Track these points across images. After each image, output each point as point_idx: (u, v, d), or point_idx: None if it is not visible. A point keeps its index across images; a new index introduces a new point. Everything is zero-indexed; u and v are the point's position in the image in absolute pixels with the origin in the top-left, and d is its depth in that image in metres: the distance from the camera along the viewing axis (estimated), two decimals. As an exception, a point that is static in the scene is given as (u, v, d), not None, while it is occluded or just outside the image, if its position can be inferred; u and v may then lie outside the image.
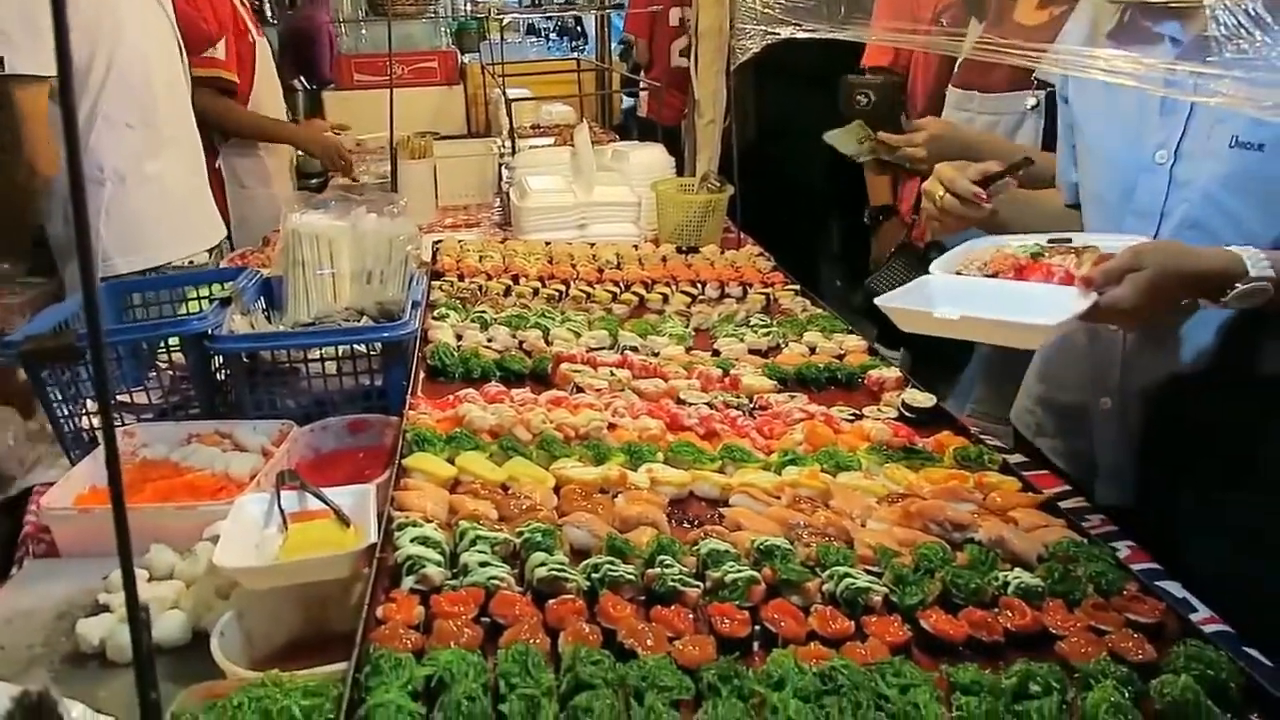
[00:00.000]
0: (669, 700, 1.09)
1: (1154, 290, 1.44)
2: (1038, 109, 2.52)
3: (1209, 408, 1.70)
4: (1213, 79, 1.11)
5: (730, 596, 1.31)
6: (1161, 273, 1.43)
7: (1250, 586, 1.47)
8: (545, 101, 5.70)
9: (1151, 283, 1.43)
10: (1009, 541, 1.48)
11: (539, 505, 1.52)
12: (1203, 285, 1.47)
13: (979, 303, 1.57)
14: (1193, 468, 1.73)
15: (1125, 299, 1.44)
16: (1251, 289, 1.42)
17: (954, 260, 1.75)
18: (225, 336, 1.91)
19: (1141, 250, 1.46)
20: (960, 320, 1.54)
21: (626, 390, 2.05)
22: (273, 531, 1.49)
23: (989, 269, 1.69)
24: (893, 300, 1.67)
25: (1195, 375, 1.71)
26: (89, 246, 0.72)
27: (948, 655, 1.26)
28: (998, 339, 1.58)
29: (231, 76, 3.88)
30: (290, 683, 1.11)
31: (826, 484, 1.66)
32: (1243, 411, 1.67)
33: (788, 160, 4.49)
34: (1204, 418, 1.70)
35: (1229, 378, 1.68)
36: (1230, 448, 1.69)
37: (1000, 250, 1.71)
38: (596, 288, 2.71)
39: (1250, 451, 1.66)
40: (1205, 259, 1.46)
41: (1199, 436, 1.71)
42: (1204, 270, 1.45)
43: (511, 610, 1.24)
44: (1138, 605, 1.34)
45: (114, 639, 1.36)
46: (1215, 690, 1.15)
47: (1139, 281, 1.43)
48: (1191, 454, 1.73)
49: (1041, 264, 1.62)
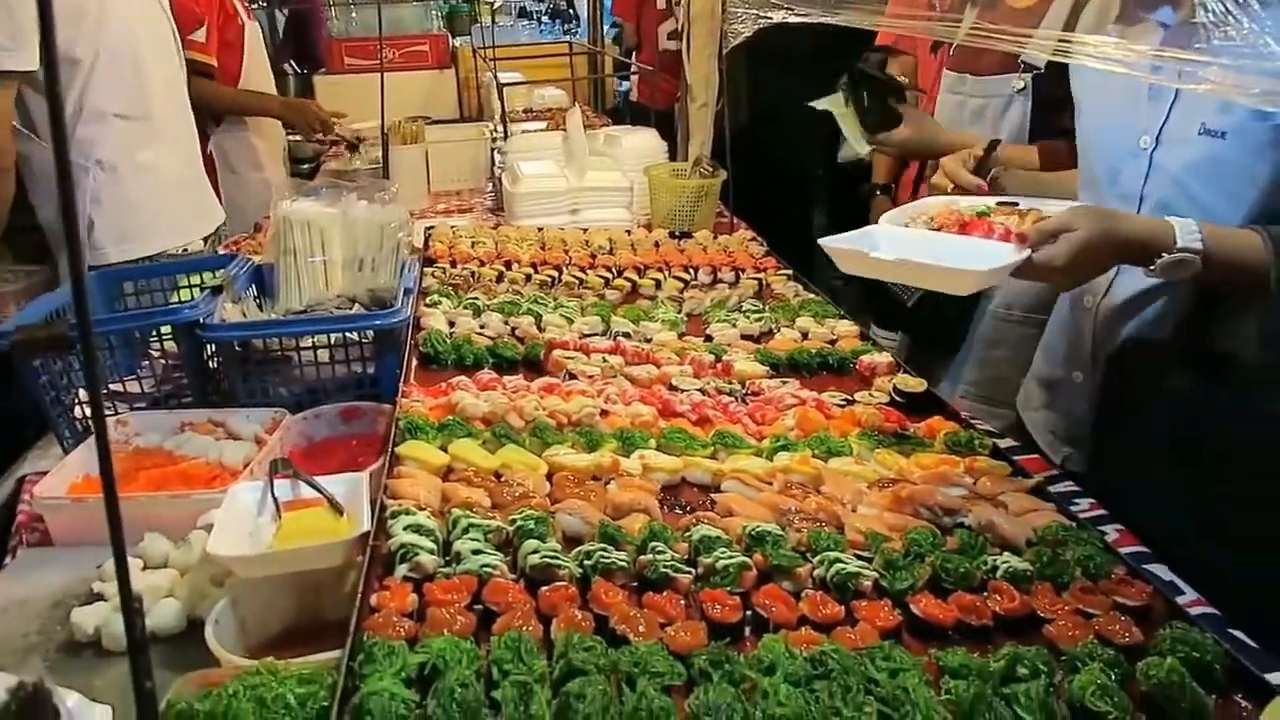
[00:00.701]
0: (661, 686, 1.09)
1: (1085, 251, 1.49)
2: (1024, 91, 2.53)
3: (1161, 380, 1.75)
4: (1201, 66, 1.12)
5: (722, 582, 1.32)
6: (1093, 234, 1.49)
7: (1192, 554, 1.52)
8: (537, 85, 5.67)
9: (1083, 243, 1.48)
10: (998, 526, 1.50)
11: (531, 492, 1.52)
12: (1133, 251, 1.52)
13: (918, 250, 1.63)
14: (1143, 437, 1.79)
15: (1057, 257, 1.49)
16: (1179, 259, 1.47)
17: (904, 214, 1.81)
18: (217, 325, 1.91)
19: (1076, 212, 1.52)
20: (894, 262, 1.61)
21: (619, 377, 2.05)
22: (266, 520, 1.49)
23: (935, 223, 1.75)
24: (836, 241, 1.71)
25: (1150, 349, 1.77)
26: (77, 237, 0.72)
27: (937, 639, 1.28)
28: (928, 283, 1.66)
29: (210, 61, 3.89)
30: (285, 670, 1.12)
31: (818, 469, 1.67)
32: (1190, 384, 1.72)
33: (779, 145, 4.48)
34: (1156, 389, 1.76)
35: (1180, 352, 1.73)
36: (1179, 419, 1.73)
37: (949, 207, 1.77)
38: (589, 273, 2.71)
39: (1196, 423, 1.71)
40: (1138, 226, 1.52)
41: (1151, 408, 1.76)
42: (1135, 236, 1.50)
43: (504, 597, 1.25)
44: (1125, 588, 1.35)
45: (109, 627, 1.37)
46: (1200, 672, 1.16)
47: (1072, 241, 1.48)
48: (1143, 424, 1.77)
49: (984, 221, 1.67)
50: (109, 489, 0.78)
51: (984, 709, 1.09)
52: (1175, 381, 1.73)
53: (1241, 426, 1.67)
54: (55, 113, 0.72)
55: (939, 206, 1.79)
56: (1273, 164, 1.53)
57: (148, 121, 3.09)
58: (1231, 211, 1.59)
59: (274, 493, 1.51)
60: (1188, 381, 1.72)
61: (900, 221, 1.79)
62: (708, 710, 1.05)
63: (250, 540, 1.43)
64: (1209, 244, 1.49)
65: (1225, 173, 1.59)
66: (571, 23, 10.69)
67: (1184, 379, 1.73)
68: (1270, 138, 1.51)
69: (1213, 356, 1.70)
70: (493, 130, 4.49)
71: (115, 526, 0.77)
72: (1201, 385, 1.71)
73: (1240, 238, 1.54)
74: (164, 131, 3.20)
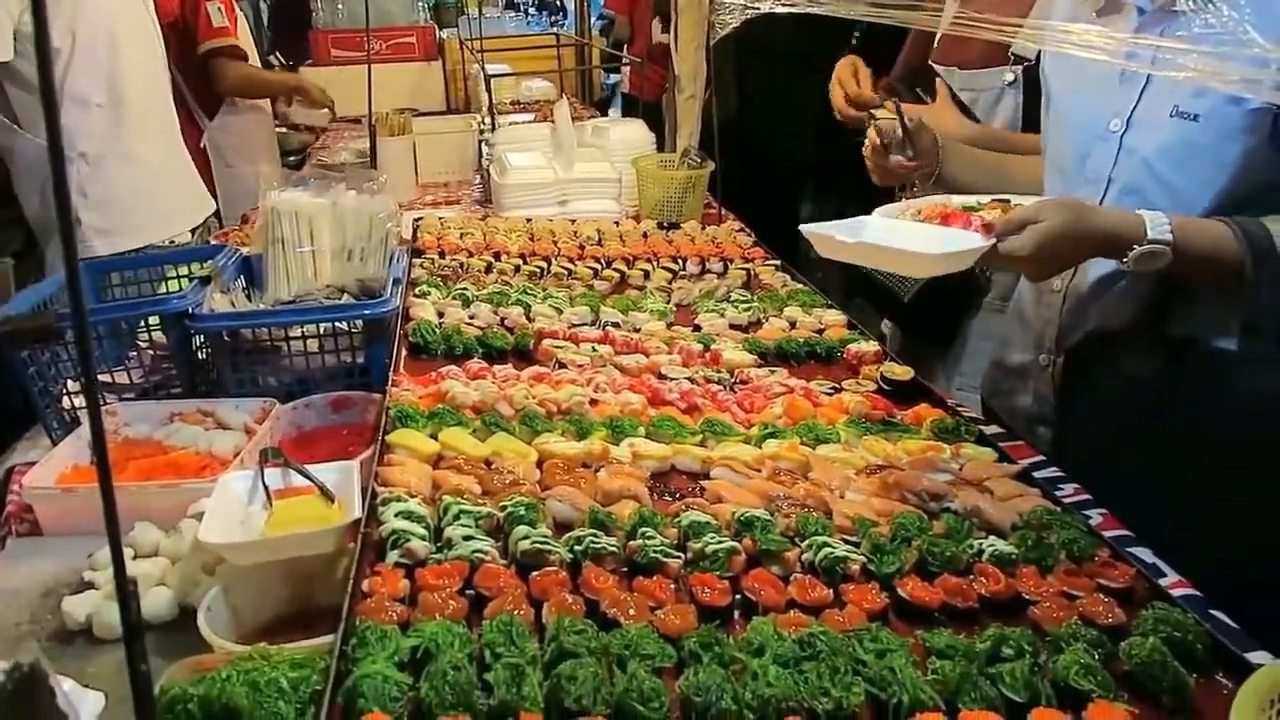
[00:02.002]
0: (651, 668, 1.10)
1: (1051, 241, 1.51)
2: (1015, 84, 2.53)
3: (1125, 364, 1.78)
4: (1181, 53, 1.13)
5: (711, 567, 1.33)
6: (1059, 226, 1.51)
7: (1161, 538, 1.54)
8: (525, 77, 5.67)
9: (1050, 235, 1.50)
10: (984, 511, 1.51)
11: (522, 480, 1.53)
12: (1103, 244, 1.55)
13: (889, 238, 1.67)
14: (1108, 419, 1.81)
15: (1023, 247, 1.51)
16: (1150, 251, 1.49)
17: (898, 208, 1.85)
18: (206, 315, 1.91)
19: (1045, 204, 1.54)
20: (856, 245, 1.66)
21: (608, 366, 2.06)
22: (257, 508, 1.50)
23: (921, 216, 1.78)
24: (815, 228, 1.75)
25: (1114, 334, 1.79)
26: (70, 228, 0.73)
27: (924, 621, 1.29)
28: (890, 265, 1.74)
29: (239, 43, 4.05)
30: (278, 655, 1.12)
31: (806, 456, 1.68)
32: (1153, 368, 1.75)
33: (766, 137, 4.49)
34: (1121, 373, 1.79)
35: (1143, 337, 1.75)
36: (1144, 403, 1.76)
37: (941, 202, 1.80)
38: (578, 264, 2.71)
39: (1161, 407, 1.74)
40: (1108, 219, 1.54)
41: (1116, 390, 1.79)
42: (1105, 230, 1.53)
43: (495, 582, 1.26)
44: (1109, 570, 1.37)
45: (100, 615, 1.37)
46: (1182, 651, 1.18)
47: (1038, 232, 1.50)
48: (1108, 405, 1.80)
49: (966, 214, 1.70)
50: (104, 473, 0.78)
51: (970, 688, 1.11)
52: (1140, 366, 1.76)
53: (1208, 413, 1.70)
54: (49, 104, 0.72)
55: (928, 203, 1.82)
56: (1244, 148, 1.55)
57: (128, 111, 3.08)
58: (1200, 195, 1.61)
59: (265, 481, 1.51)
60: (1153, 366, 1.75)
61: (893, 215, 1.83)
62: (698, 691, 1.06)
63: (241, 528, 1.43)
64: (1178, 236, 1.51)
65: (1196, 156, 1.60)
66: (558, 15, 10.67)
67: (1148, 364, 1.75)
68: (1243, 123, 1.53)
69: (1176, 342, 1.72)
70: (480, 122, 4.48)
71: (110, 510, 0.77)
72: (1167, 370, 1.74)
73: (1209, 229, 1.55)
74: (146, 122, 3.19)
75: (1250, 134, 1.53)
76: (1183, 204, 1.61)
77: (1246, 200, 1.58)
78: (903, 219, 1.80)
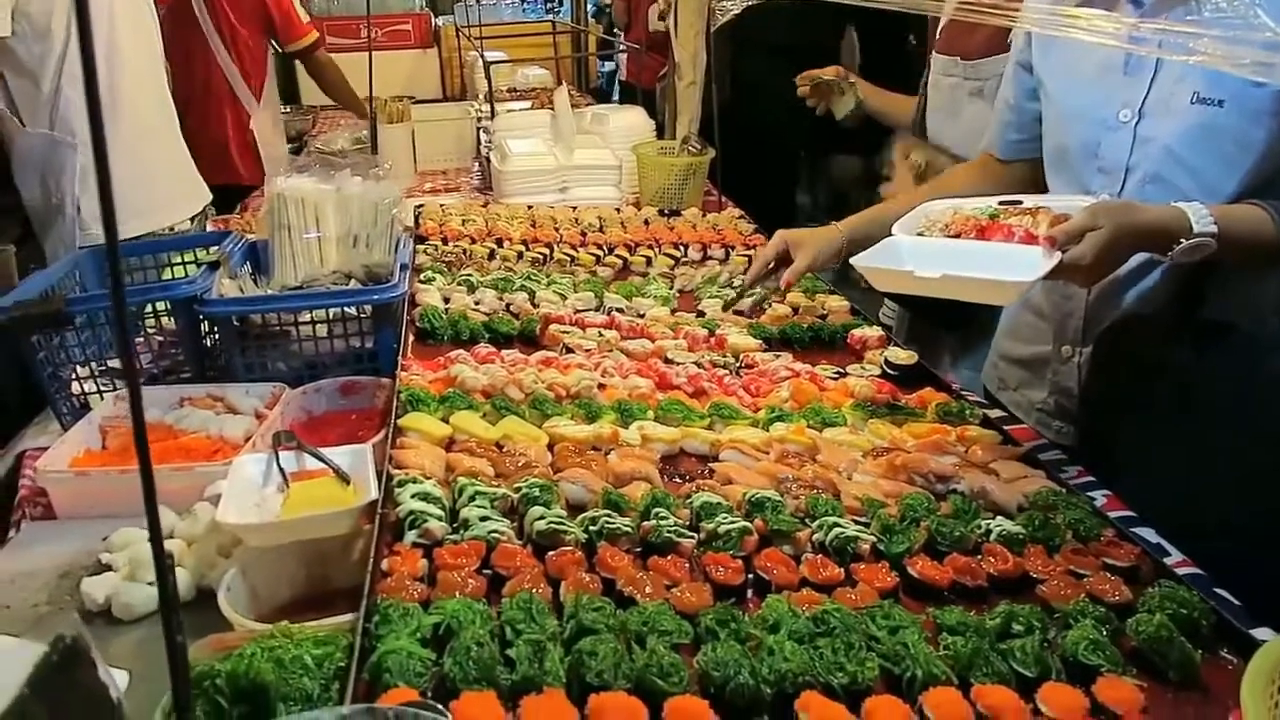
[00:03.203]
0: (670, 644, 1.12)
1: (1111, 246, 1.52)
2: None
3: (1156, 351, 1.78)
4: (1192, 37, 1.14)
5: (724, 547, 1.35)
6: (1117, 230, 1.51)
7: (1180, 516, 1.55)
8: (521, 65, 5.65)
9: (1109, 239, 1.51)
10: (990, 492, 1.54)
11: (534, 462, 1.55)
12: (1153, 240, 1.55)
13: (952, 262, 1.63)
14: (1135, 406, 1.82)
15: (1085, 256, 1.51)
16: (1196, 243, 1.51)
17: (913, 222, 1.81)
18: (216, 300, 1.92)
19: (1097, 210, 1.54)
20: (941, 279, 1.60)
21: (615, 351, 2.07)
22: (272, 490, 1.51)
23: (951, 230, 1.75)
24: (869, 260, 1.72)
25: (1146, 322, 1.79)
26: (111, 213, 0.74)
27: (933, 600, 1.31)
28: (974, 296, 1.66)
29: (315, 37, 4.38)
30: (300, 633, 1.14)
31: (813, 439, 1.70)
32: (1185, 353, 1.75)
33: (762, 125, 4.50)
34: (1150, 360, 1.79)
35: (1175, 323, 1.76)
36: (1171, 387, 1.77)
37: (959, 212, 1.78)
38: (580, 251, 2.72)
39: (1188, 390, 1.75)
40: (1155, 216, 1.54)
41: (1145, 377, 1.80)
42: (1154, 226, 1.53)
43: (513, 561, 1.28)
44: (1114, 550, 1.39)
45: (119, 596, 1.38)
46: (1188, 628, 1.21)
47: (1097, 240, 1.51)
48: (1136, 393, 1.81)
49: (1001, 224, 1.68)
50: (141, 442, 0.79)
51: (982, 663, 1.13)
52: (1172, 352, 1.76)
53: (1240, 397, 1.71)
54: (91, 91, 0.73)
55: (948, 214, 1.79)
56: (1268, 130, 1.56)
57: (123, 98, 3.06)
58: (1226, 179, 1.62)
59: (280, 464, 1.52)
60: (1186, 351, 1.75)
61: (912, 230, 1.79)
62: (716, 666, 1.08)
63: (258, 511, 1.44)
64: (1221, 226, 1.52)
65: (1220, 140, 1.61)
66: (554, 2, 10.63)
67: (1181, 349, 1.76)
68: (1269, 105, 1.55)
69: (1210, 326, 1.74)
70: (478, 109, 4.48)
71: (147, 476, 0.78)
72: (1199, 355, 1.75)
73: (1246, 215, 1.57)
74: (142, 109, 3.17)
75: (1275, 116, 1.55)
76: (1208, 188, 1.62)
77: (1271, 181, 1.60)
78: (931, 234, 1.77)
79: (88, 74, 0.72)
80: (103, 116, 2.25)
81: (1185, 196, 1.59)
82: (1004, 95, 2.08)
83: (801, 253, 2.13)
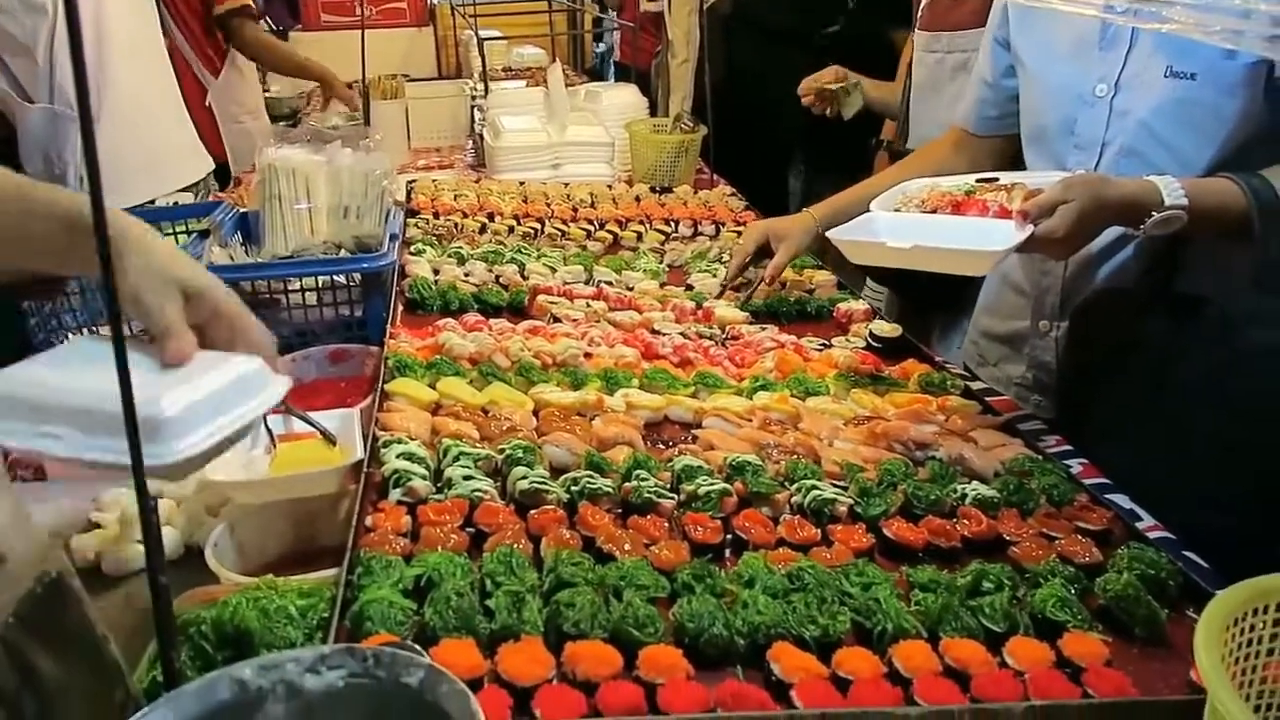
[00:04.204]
0: (646, 597, 1.15)
1: (1082, 220, 1.54)
2: None
3: (1131, 325, 1.81)
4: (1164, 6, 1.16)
5: (703, 508, 1.38)
6: (1088, 203, 1.53)
7: (1155, 487, 1.58)
8: (516, 43, 5.65)
9: (1081, 212, 1.53)
10: (968, 459, 1.56)
11: (519, 426, 1.57)
12: (1124, 214, 1.57)
13: (925, 235, 1.67)
14: (1112, 380, 1.84)
15: (1058, 229, 1.53)
16: (1167, 216, 1.53)
17: (891, 199, 1.85)
18: (208, 267, 1.93)
19: (1069, 183, 1.56)
20: (912, 249, 1.64)
21: (602, 321, 2.09)
22: (259, 452, 1.53)
23: (927, 205, 1.78)
24: (844, 234, 1.76)
25: (1121, 296, 1.82)
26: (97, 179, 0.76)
27: (908, 560, 1.33)
28: (946, 266, 1.69)
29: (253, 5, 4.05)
30: (285, 585, 1.16)
31: (796, 408, 1.72)
32: (1160, 327, 1.77)
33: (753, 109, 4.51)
34: (1126, 334, 1.81)
35: (1150, 297, 1.78)
36: (1148, 360, 1.79)
37: (935, 188, 1.81)
38: (571, 225, 2.74)
39: (1165, 363, 1.77)
40: (1127, 189, 1.56)
41: (1121, 351, 1.82)
42: (1126, 199, 1.55)
43: (495, 519, 1.30)
44: (1087, 514, 1.42)
45: (109, 553, 1.41)
46: (1155, 587, 1.23)
47: (1069, 212, 1.53)
48: (1112, 367, 1.84)
49: (975, 200, 1.71)
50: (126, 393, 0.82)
51: (951, 618, 1.16)
52: (1148, 325, 1.79)
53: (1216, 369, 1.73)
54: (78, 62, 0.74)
55: (925, 191, 1.82)
56: (1242, 102, 1.58)
57: (112, 64, 3.06)
58: (1200, 152, 1.64)
59: (268, 425, 1.54)
60: (1161, 324, 1.78)
61: (889, 206, 1.82)
62: (691, 618, 1.11)
63: (245, 471, 1.46)
64: (1192, 198, 1.54)
65: (1194, 113, 1.63)
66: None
67: (1156, 322, 1.78)
68: (1242, 77, 1.56)
69: (1184, 299, 1.76)
70: (473, 87, 4.48)
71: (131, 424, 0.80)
72: (1175, 328, 1.77)
73: (1217, 188, 1.58)
74: (137, 78, 3.17)
75: (1247, 88, 1.57)
76: (1183, 161, 1.64)
77: (1243, 153, 1.62)
78: (907, 210, 1.80)
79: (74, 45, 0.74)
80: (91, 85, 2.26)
81: (1160, 170, 1.61)
82: (980, 72, 2.10)
83: (783, 246, 2.18)
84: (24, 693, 0.73)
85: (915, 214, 1.77)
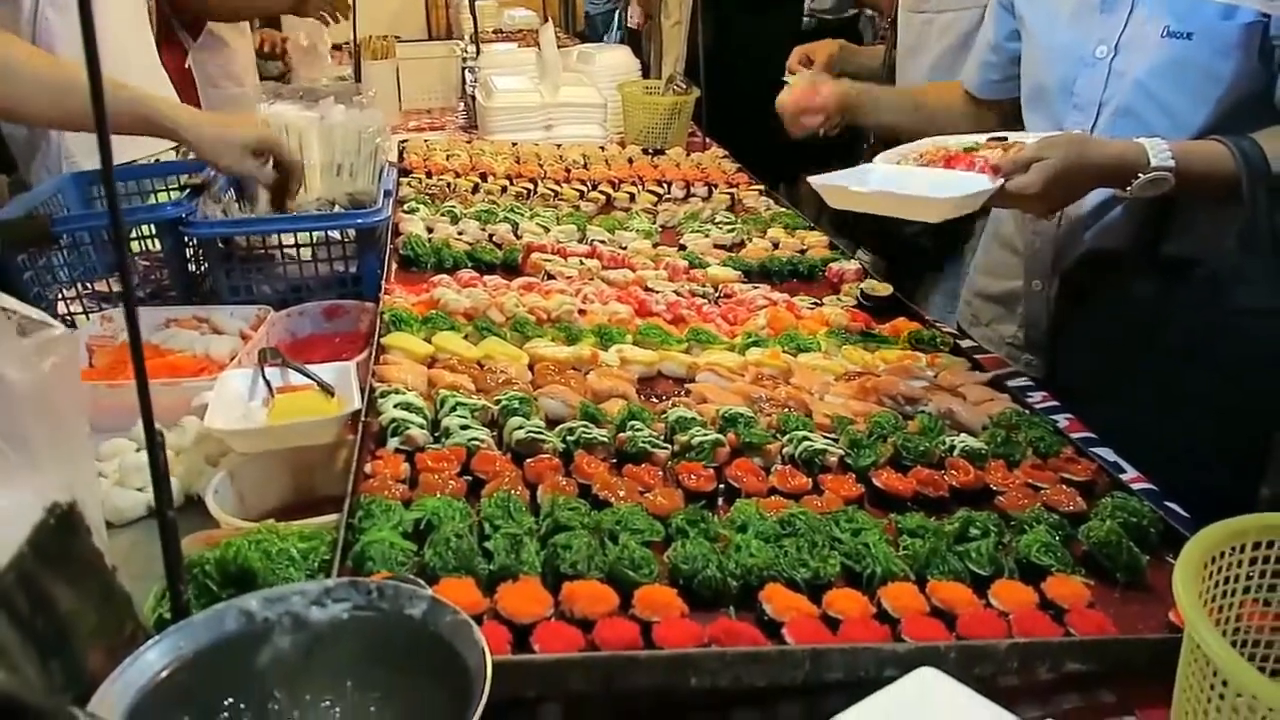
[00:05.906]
0: (641, 541, 1.17)
1: (1058, 179, 1.55)
2: None
3: (1121, 285, 1.83)
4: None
5: (697, 457, 1.40)
6: (1066, 162, 1.55)
7: (1147, 442, 1.61)
8: (507, 5, 5.60)
9: (1056, 171, 1.54)
10: (957, 413, 1.59)
11: (514, 379, 1.59)
12: (1109, 175, 1.59)
13: (900, 184, 1.71)
14: (1103, 340, 1.87)
15: (1031, 185, 1.55)
16: (1154, 178, 1.54)
17: (898, 153, 1.89)
18: (201, 222, 1.93)
19: (1051, 141, 1.58)
20: (871, 194, 1.70)
21: (596, 279, 2.11)
22: (257, 404, 1.54)
23: (923, 160, 1.82)
24: (824, 179, 1.79)
25: (1111, 256, 1.85)
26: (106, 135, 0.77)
27: (897, 509, 1.36)
28: (905, 212, 1.75)
29: None
30: (286, 529, 1.18)
31: (787, 363, 1.74)
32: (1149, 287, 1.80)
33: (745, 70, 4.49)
34: (1116, 294, 1.84)
35: (1139, 258, 1.80)
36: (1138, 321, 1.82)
37: (939, 145, 1.84)
38: (564, 186, 2.74)
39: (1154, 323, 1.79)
40: (1110, 150, 1.58)
41: (1111, 311, 1.85)
42: (1109, 161, 1.57)
43: (492, 466, 1.32)
44: (1072, 466, 1.45)
45: (111, 500, 1.42)
46: (1137, 534, 1.27)
47: (1044, 170, 1.55)
48: (1102, 327, 1.87)
49: (968, 155, 1.73)
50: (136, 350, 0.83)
51: (939, 562, 1.19)
52: (1138, 286, 1.81)
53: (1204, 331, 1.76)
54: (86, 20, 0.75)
55: (929, 145, 1.85)
56: (1236, 64, 1.60)
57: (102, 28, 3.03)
58: (1195, 112, 1.66)
59: (266, 378, 1.55)
60: (1150, 285, 1.80)
61: (894, 160, 1.87)
62: (685, 560, 1.13)
63: (244, 421, 1.48)
64: (1180, 160, 1.56)
65: (1190, 74, 1.65)
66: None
67: (1146, 283, 1.80)
68: (1236, 39, 1.58)
69: (1173, 260, 1.78)
70: (464, 49, 4.45)
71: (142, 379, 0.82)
72: (1164, 289, 1.79)
73: (1206, 150, 1.60)
74: (121, 37, 3.14)
75: (1242, 49, 1.58)
76: (1178, 122, 1.66)
77: (1236, 116, 1.63)
78: (905, 164, 1.83)
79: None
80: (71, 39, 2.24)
81: (1154, 130, 1.63)
82: (984, 35, 2.11)
83: None
84: (39, 620, 0.75)
85: (906, 167, 1.81)
